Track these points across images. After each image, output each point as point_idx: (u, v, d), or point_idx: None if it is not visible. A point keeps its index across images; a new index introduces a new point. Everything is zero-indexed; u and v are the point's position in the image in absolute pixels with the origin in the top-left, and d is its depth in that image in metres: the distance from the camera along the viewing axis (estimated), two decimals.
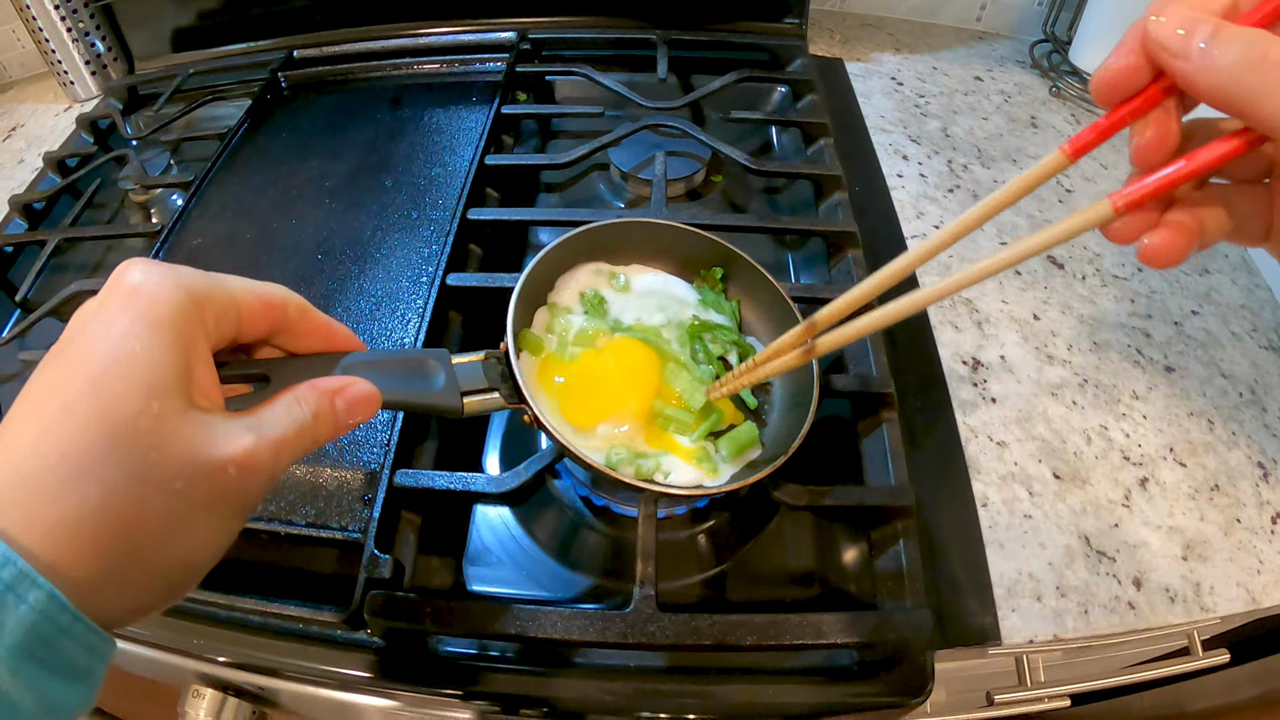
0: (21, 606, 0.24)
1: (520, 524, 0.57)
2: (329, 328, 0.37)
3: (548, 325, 0.54)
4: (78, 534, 0.26)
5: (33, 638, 0.24)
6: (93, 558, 0.26)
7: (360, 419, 0.35)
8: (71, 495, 0.26)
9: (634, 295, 0.57)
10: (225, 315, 0.32)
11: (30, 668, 0.24)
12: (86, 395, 0.27)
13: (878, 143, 0.85)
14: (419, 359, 0.41)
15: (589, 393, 0.50)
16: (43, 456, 0.26)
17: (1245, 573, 0.55)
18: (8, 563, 0.24)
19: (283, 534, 0.54)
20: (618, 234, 0.58)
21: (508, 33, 0.95)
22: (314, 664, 0.50)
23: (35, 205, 0.85)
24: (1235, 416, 0.63)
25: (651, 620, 0.45)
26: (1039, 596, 0.53)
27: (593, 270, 0.57)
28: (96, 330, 0.28)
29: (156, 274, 0.29)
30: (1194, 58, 0.25)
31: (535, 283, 0.54)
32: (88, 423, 0.26)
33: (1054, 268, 0.73)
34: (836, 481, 0.53)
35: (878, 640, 0.46)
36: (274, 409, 0.32)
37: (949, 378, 0.64)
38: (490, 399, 0.43)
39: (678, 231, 0.58)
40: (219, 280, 0.32)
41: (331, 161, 0.83)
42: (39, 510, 0.26)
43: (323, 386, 0.34)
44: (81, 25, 0.97)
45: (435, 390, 0.41)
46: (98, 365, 0.27)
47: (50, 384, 0.27)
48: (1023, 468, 0.59)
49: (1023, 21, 1.04)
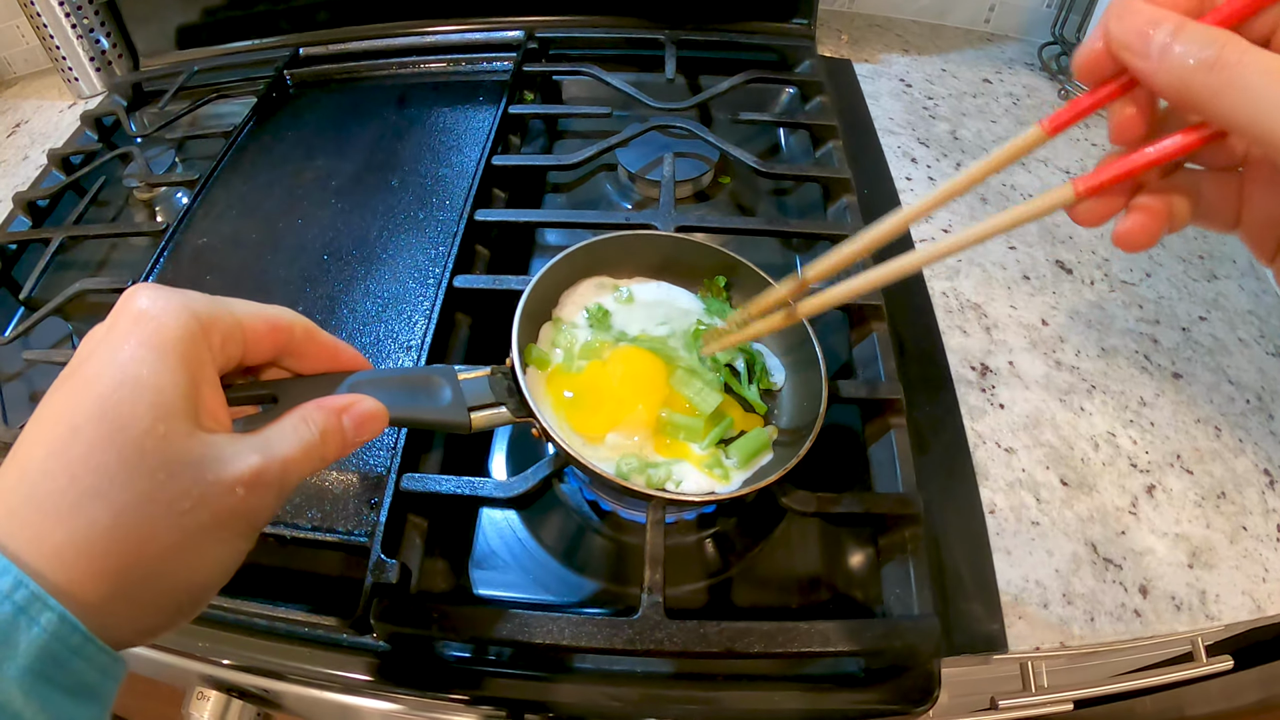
0: (34, 628, 0.25)
1: (526, 528, 0.56)
2: (335, 348, 0.38)
3: (553, 340, 0.54)
4: (87, 555, 0.26)
5: (45, 659, 0.25)
6: (102, 579, 0.26)
7: (367, 436, 0.36)
8: (80, 517, 0.26)
9: (638, 307, 0.57)
10: (231, 338, 0.32)
11: (43, 688, 0.25)
12: (95, 418, 0.27)
13: (886, 145, 0.85)
14: (425, 376, 0.42)
15: (597, 404, 0.50)
16: (52, 479, 0.26)
17: (1251, 580, 0.54)
18: (20, 585, 0.25)
19: (288, 537, 0.54)
20: (618, 247, 0.58)
21: (515, 32, 0.95)
22: (319, 667, 0.50)
23: (39, 203, 0.85)
24: (1242, 423, 0.63)
25: (660, 627, 0.45)
26: (1045, 604, 0.53)
27: (595, 285, 0.58)
28: (104, 355, 0.29)
29: (163, 299, 0.30)
30: (1152, 57, 0.25)
31: (538, 299, 0.54)
32: (95, 445, 0.27)
33: (1062, 272, 0.73)
34: (844, 487, 0.53)
35: (885, 648, 0.46)
36: (281, 428, 0.33)
37: (957, 383, 0.64)
38: (498, 414, 0.43)
39: (678, 242, 0.59)
40: (225, 304, 0.33)
41: (337, 161, 0.83)
42: (49, 532, 0.26)
43: (329, 405, 0.35)
44: (86, 21, 0.97)
45: (442, 406, 0.41)
46: (105, 388, 0.28)
47: (59, 407, 0.28)
48: (1030, 474, 0.59)
49: (1031, 23, 1.04)
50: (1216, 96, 0.24)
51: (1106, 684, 0.59)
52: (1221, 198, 0.30)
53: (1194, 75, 0.25)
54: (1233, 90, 0.24)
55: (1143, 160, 0.28)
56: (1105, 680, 0.60)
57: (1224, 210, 0.30)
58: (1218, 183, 0.30)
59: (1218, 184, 0.30)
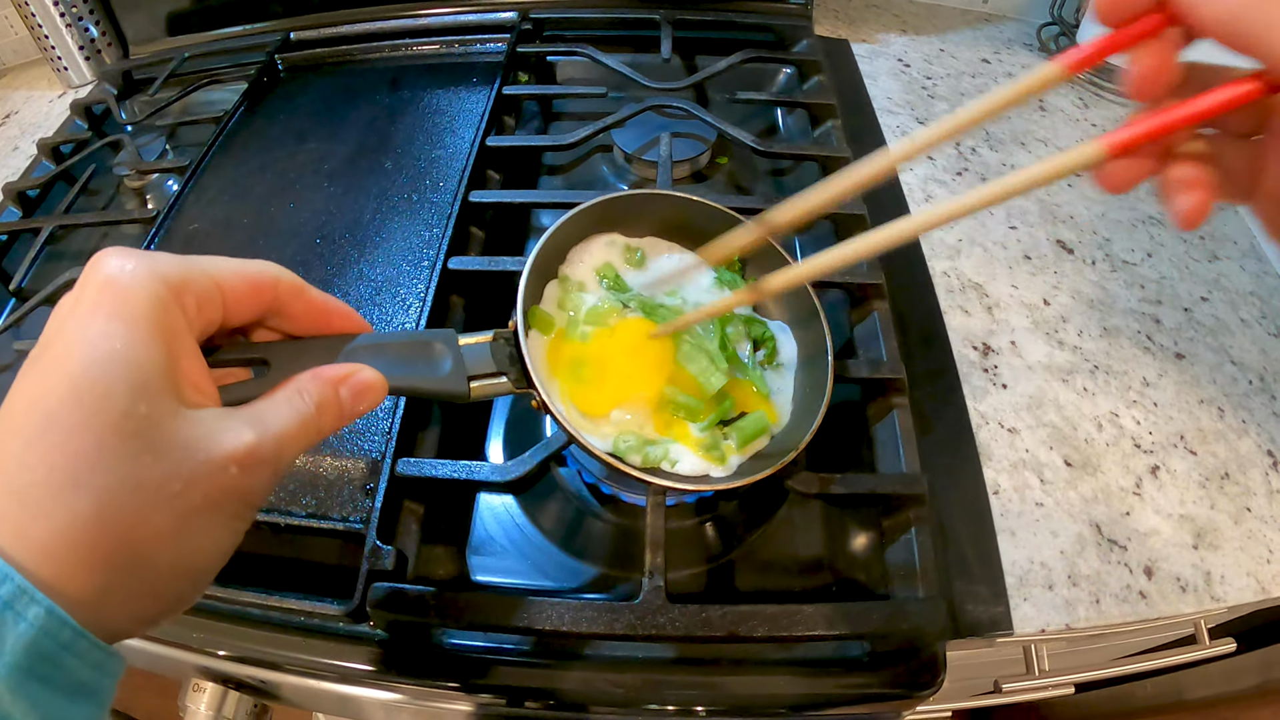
0: (21, 624, 0.23)
1: (525, 512, 0.56)
2: (327, 307, 0.36)
3: (559, 301, 0.52)
4: (75, 547, 0.25)
5: (34, 655, 0.24)
6: (92, 570, 0.25)
7: (365, 408, 0.34)
8: (63, 508, 0.25)
9: (649, 272, 0.55)
10: (208, 300, 0.30)
11: (32, 686, 0.24)
12: (70, 402, 0.25)
13: (885, 125, 0.84)
14: (425, 341, 0.40)
15: (600, 377, 0.48)
16: (30, 470, 0.25)
17: (1255, 562, 0.54)
18: (5, 579, 0.24)
19: (282, 525, 0.53)
20: (634, 205, 0.55)
21: (508, 13, 0.93)
22: (315, 657, 0.50)
23: (29, 193, 0.84)
24: (1245, 404, 0.62)
25: (661, 611, 0.45)
26: (1050, 585, 0.52)
27: (607, 242, 0.55)
28: (73, 329, 0.27)
29: (130, 263, 0.28)
30: None
31: (547, 256, 0.51)
32: (73, 431, 0.25)
33: (1064, 252, 0.72)
34: (847, 468, 0.52)
35: (891, 631, 0.46)
36: (275, 401, 0.31)
37: (959, 363, 0.64)
38: (498, 383, 0.41)
39: (692, 204, 0.55)
40: (198, 263, 0.30)
41: (330, 144, 0.81)
42: (32, 525, 0.25)
43: (326, 375, 0.33)
44: (75, 10, 0.95)
45: (441, 375, 0.39)
46: (77, 367, 0.26)
47: (31, 392, 0.26)
48: (1034, 455, 0.59)
49: (1030, 4, 1.03)
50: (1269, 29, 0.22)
51: (1108, 667, 0.59)
52: (1238, 166, 0.28)
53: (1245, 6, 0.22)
54: None
55: (1185, 113, 0.25)
56: (1107, 663, 0.59)
57: (1240, 179, 0.28)
58: (1235, 150, 0.28)
59: (1235, 151, 0.28)
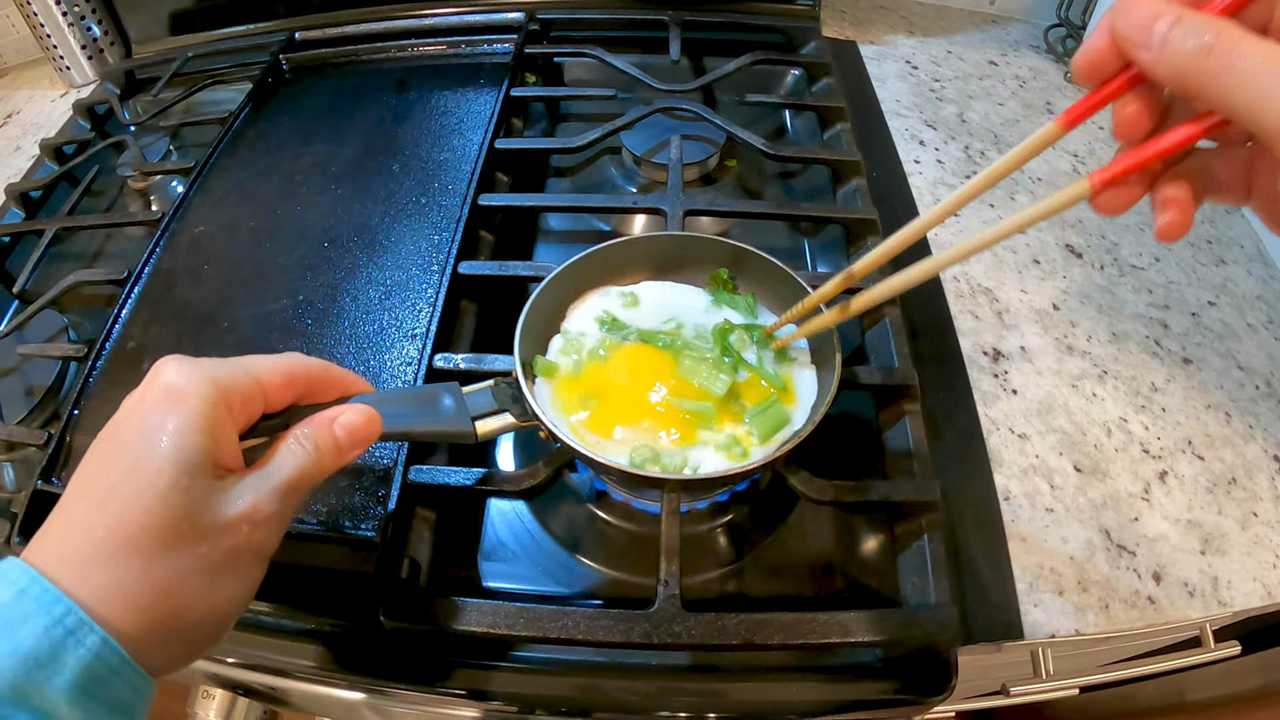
0: (80, 649, 0.29)
1: (536, 519, 0.56)
2: (348, 379, 0.41)
3: (563, 349, 0.54)
4: (124, 595, 0.30)
5: (89, 676, 0.29)
6: (136, 615, 0.31)
7: (362, 441, 0.39)
8: (118, 563, 0.31)
9: (645, 307, 0.56)
10: (252, 399, 0.36)
11: (86, 702, 0.29)
12: (129, 479, 0.32)
13: (894, 127, 0.84)
14: (429, 392, 0.44)
15: (606, 403, 0.49)
16: (92, 530, 0.31)
17: (1262, 567, 0.54)
18: (70, 612, 0.29)
19: (294, 533, 0.52)
20: (618, 254, 0.58)
21: (515, 13, 0.93)
22: (326, 664, 0.50)
23: (32, 194, 0.83)
24: (1252, 409, 0.63)
25: (677, 620, 0.44)
26: (1061, 591, 0.53)
27: (600, 295, 0.57)
28: (135, 422, 0.34)
29: (187, 371, 0.34)
30: (1154, 47, 0.27)
31: (540, 315, 0.54)
32: (129, 502, 0.31)
33: (1073, 257, 0.72)
34: (859, 475, 0.52)
35: (904, 638, 0.46)
36: (278, 455, 0.36)
37: (969, 368, 0.64)
38: (503, 420, 0.45)
39: (678, 239, 0.59)
40: (243, 366, 0.36)
41: (336, 146, 0.81)
42: (92, 574, 0.30)
43: (319, 418, 0.38)
44: (77, 9, 0.95)
45: (447, 418, 0.43)
46: (136, 452, 0.32)
47: (98, 467, 0.33)
48: (1044, 460, 0.59)
49: (1036, 6, 1.03)
50: (1213, 82, 0.25)
51: (1113, 670, 0.59)
52: (1232, 173, 0.31)
53: (1191, 62, 0.26)
54: (1228, 75, 0.25)
55: (1153, 151, 0.30)
56: (1112, 666, 0.60)
57: (1235, 185, 0.31)
58: (1228, 159, 0.31)
59: (1228, 160, 0.31)
